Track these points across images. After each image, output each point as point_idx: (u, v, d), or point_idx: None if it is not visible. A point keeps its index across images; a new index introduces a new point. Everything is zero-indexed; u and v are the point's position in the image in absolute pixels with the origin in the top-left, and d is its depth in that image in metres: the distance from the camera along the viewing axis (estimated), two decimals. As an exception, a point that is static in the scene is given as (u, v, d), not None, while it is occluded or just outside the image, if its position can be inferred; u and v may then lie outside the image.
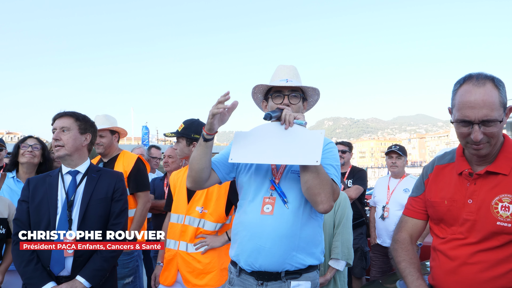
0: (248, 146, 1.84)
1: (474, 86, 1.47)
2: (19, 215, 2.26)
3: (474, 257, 1.52)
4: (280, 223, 1.78)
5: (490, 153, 1.56)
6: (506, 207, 1.47)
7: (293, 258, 1.78)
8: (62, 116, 2.35)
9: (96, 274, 2.20)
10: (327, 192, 1.70)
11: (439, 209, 1.66)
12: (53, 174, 2.37)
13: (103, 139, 3.40)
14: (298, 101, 1.92)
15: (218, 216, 2.67)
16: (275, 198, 1.83)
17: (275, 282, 1.80)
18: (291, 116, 1.77)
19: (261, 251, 1.78)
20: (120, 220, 2.36)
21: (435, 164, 1.78)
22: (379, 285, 3.17)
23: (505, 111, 1.51)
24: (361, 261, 4.24)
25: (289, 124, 1.77)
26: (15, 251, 2.19)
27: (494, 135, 1.50)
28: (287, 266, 1.79)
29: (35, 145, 3.06)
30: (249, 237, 1.83)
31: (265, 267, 1.79)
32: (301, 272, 1.81)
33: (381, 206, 4.15)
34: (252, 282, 1.84)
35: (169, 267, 2.70)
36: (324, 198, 1.69)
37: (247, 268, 1.84)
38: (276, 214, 1.80)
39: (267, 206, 1.82)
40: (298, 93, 1.92)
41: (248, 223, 1.85)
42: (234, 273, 1.92)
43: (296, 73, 1.98)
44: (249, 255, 1.82)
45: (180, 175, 2.91)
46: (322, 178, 1.70)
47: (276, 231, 1.77)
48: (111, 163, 3.43)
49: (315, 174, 1.69)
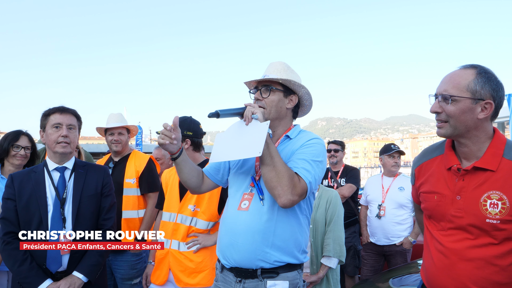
0: (221, 145, 1.88)
1: (457, 68, 1.59)
2: (6, 214, 2.19)
3: (468, 254, 1.52)
4: (253, 219, 1.78)
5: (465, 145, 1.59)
6: (494, 204, 1.48)
7: (266, 255, 1.76)
8: (67, 112, 2.31)
9: (92, 269, 2.22)
10: (284, 185, 1.65)
11: (429, 204, 1.67)
12: (37, 170, 2.31)
13: (121, 137, 3.40)
14: (268, 94, 1.88)
15: (211, 215, 2.66)
16: (253, 195, 1.84)
17: (252, 280, 1.79)
18: (249, 111, 1.77)
19: (235, 246, 1.80)
20: (111, 215, 2.37)
21: (422, 161, 1.79)
22: (372, 283, 3.19)
23: (476, 100, 1.52)
24: (354, 260, 4.26)
25: (249, 120, 1.76)
26: (6, 251, 2.14)
27: (451, 115, 1.55)
28: (261, 263, 1.77)
29: (27, 147, 2.96)
30: (225, 232, 1.87)
31: (239, 263, 1.80)
32: (278, 271, 1.79)
33: (376, 205, 4.16)
34: (232, 279, 1.85)
35: (161, 266, 2.68)
36: (281, 191, 1.65)
37: (225, 263, 1.86)
38: (251, 210, 1.80)
39: (245, 202, 1.84)
40: (270, 87, 1.88)
41: (226, 219, 1.90)
42: (219, 268, 1.95)
43: (279, 68, 1.94)
44: (225, 250, 1.85)
45: (172, 173, 2.90)
46: (279, 171, 1.66)
47: (249, 227, 1.78)
48: (123, 162, 3.40)
49: (270, 167, 1.68)
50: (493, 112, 1.55)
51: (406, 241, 3.98)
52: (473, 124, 1.54)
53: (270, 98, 1.89)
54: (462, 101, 1.52)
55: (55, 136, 2.24)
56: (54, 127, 2.25)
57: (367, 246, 4.24)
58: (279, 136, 1.94)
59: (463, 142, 1.60)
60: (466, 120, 1.53)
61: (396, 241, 4.01)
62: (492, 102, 1.52)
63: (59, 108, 2.31)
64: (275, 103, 1.89)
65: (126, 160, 3.39)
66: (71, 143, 2.27)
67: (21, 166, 2.96)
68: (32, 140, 3.04)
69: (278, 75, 1.90)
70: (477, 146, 1.58)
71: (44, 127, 2.29)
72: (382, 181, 4.26)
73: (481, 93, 1.51)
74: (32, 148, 3.00)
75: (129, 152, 3.47)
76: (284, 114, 1.94)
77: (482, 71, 1.54)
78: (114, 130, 3.40)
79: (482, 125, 1.55)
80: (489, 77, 1.53)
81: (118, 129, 3.40)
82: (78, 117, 2.38)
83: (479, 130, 1.56)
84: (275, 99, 1.89)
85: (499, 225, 1.47)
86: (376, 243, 4.14)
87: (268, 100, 1.88)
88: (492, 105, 1.52)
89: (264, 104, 1.88)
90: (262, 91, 1.90)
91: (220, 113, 1.73)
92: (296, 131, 1.95)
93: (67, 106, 2.36)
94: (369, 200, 4.30)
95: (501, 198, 1.47)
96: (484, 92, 1.51)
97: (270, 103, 1.89)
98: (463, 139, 1.59)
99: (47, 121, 2.27)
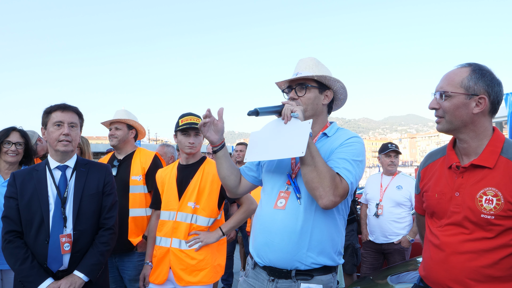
0: (257, 144, 1.86)
1: (455, 67, 1.67)
2: (8, 212, 2.19)
3: (462, 247, 1.57)
4: (290, 219, 1.74)
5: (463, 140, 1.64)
6: (489, 200, 1.52)
7: (302, 256, 1.72)
8: (69, 110, 2.29)
9: (93, 269, 2.21)
10: (326, 186, 1.61)
11: (431, 202, 1.72)
12: (39, 168, 2.29)
13: (118, 132, 3.30)
14: (305, 93, 1.85)
15: (211, 211, 2.67)
16: (289, 193, 1.80)
17: (286, 280, 1.75)
18: (288, 110, 1.74)
19: (270, 245, 1.76)
20: (113, 214, 2.37)
21: (427, 163, 1.85)
22: (370, 281, 3.20)
23: (470, 96, 1.58)
24: (352, 258, 4.29)
25: (288, 118, 1.74)
26: (7, 249, 2.14)
27: (447, 110, 1.62)
28: (297, 264, 1.73)
29: (18, 143, 2.87)
30: (261, 231, 1.83)
31: (274, 262, 1.76)
32: (313, 273, 1.74)
33: (374, 203, 4.19)
34: (264, 277, 1.82)
35: (161, 264, 2.67)
36: (322, 192, 1.62)
37: (259, 261, 1.83)
38: (288, 209, 1.76)
39: (281, 200, 1.80)
40: (305, 85, 1.85)
41: (262, 217, 1.85)
42: (250, 265, 1.92)
43: (310, 64, 1.90)
44: (260, 249, 1.82)
45: (167, 172, 2.87)
46: (321, 171, 1.62)
47: (286, 226, 1.74)
48: (127, 160, 3.31)
49: (311, 167, 1.64)
50: (490, 108, 1.60)
51: (404, 240, 4.00)
52: (469, 119, 1.60)
53: (306, 96, 1.85)
54: (456, 97, 1.59)
55: (56, 134, 2.22)
56: (56, 125, 2.23)
57: (366, 244, 4.27)
58: (316, 134, 1.90)
59: (462, 138, 1.65)
60: (461, 115, 1.60)
61: (394, 240, 4.03)
62: (486, 97, 1.57)
63: (60, 106, 2.28)
64: (312, 100, 1.86)
65: (131, 158, 3.31)
66: (72, 142, 2.25)
67: (15, 163, 2.89)
68: (26, 136, 2.96)
69: (311, 72, 1.86)
70: (476, 143, 1.62)
71: (45, 125, 2.27)
72: (381, 180, 4.29)
73: (474, 89, 1.57)
74: (25, 144, 2.93)
75: (133, 150, 3.39)
76: (321, 110, 1.91)
77: (476, 68, 1.60)
78: (112, 125, 3.34)
79: (479, 120, 1.60)
80: (483, 73, 1.59)
81: (115, 124, 3.32)
82: (80, 114, 2.35)
83: (476, 125, 1.61)
84: (311, 96, 1.86)
85: (493, 221, 1.51)
86: (374, 241, 4.17)
87: (304, 98, 1.85)
88: (486, 100, 1.57)
89: (300, 102, 1.84)
90: (297, 89, 1.86)
91: (259, 111, 1.73)
92: (333, 129, 1.92)
93: (69, 104, 2.33)
94: (368, 199, 4.32)
95: (496, 195, 1.51)
96: (478, 87, 1.57)
97: (306, 101, 1.85)
98: (462, 134, 1.64)
99: (48, 119, 2.25)
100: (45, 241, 2.14)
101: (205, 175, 2.74)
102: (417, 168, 2.15)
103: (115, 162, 3.32)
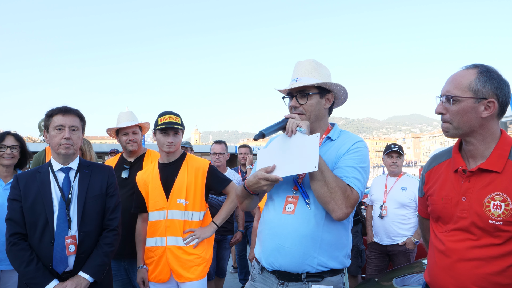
0: (266, 161, 1.83)
1: (460, 69, 1.60)
2: (12, 214, 2.19)
3: (469, 254, 1.52)
4: (301, 223, 1.74)
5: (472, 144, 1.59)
6: (498, 206, 1.47)
7: (313, 259, 1.73)
8: (70, 113, 2.29)
9: (98, 269, 2.23)
10: (338, 199, 1.63)
11: (436, 206, 1.67)
12: (42, 170, 2.30)
13: (136, 136, 3.22)
14: (306, 100, 1.83)
15: (200, 205, 2.71)
16: (297, 198, 1.79)
17: (296, 283, 1.76)
18: (293, 124, 1.73)
19: (281, 250, 1.76)
20: (116, 215, 2.38)
21: (432, 166, 1.80)
22: (375, 283, 3.19)
23: (478, 99, 1.51)
24: (357, 259, 4.28)
25: (292, 132, 1.73)
26: (12, 252, 2.14)
27: (455, 115, 1.55)
28: (307, 267, 1.74)
29: (13, 146, 2.91)
30: (270, 236, 1.82)
31: (285, 267, 1.76)
32: (323, 275, 1.76)
33: (378, 205, 4.17)
34: (273, 281, 1.82)
35: (159, 264, 2.68)
36: (335, 206, 1.64)
37: (268, 267, 1.82)
38: (297, 214, 1.76)
39: (289, 205, 1.79)
40: (306, 92, 1.83)
41: (270, 222, 1.85)
42: (257, 269, 1.91)
43: (309, 68, 1.87)
44: (270, 254, 1.81)
45: (148, 173, 2.85)
46: (331, 185, 1.64)
47: (297, 231, 1.74)
48: (139, 162, 3.23)
49: (321, 183, 1.65)
50: (498, 110, 1.54)
51: (409, 241, 3.98)
52: (478, 123, 1.54)
53: (308, 103, 1.84)
54: (464, 101, 1.52)
55: (57, 138, 2.23)
56: (57, 129, 2.23)
57: (372, 245, 4.25)
58: (319, 138, 1.84)
59: (469, 140, 1.60)
60: (469, 119, 1.54)
61: (399, 241, 4.01)
62: (495, 101, 1.52)
63: (61, 109, 2.28)
64: (314, 107, 1.85)
65: (142, 160, 3.25)
66: (74, 145, 2.26)
67: (11, 167, 2.95)
68: (20, 139, 2.99)
69: (311, 77, 1.84)
70: (483, 146, 1.57)
71: (47, 128, 2.28)
72: (386, 181, 4.27)
73: (483, 92, 1.51)
74: (20, 147, 2.97)
75: (144, 152, 3.33)
76: (323, 114, 1.91)
77: (483, 70, 1.54)
78: (128, 130, 3.21)
79: (488, 123, 1.55)
80: (491, 75, 1.53)
81: (132, 128, 3.21)
82: (82, 117, 2.35)
83: (484, 129, 1.55)
84: (313, 103, 1.84)
85: (501, 227, 1.46)
86: (379, 243, 4.15)
87: (306, 105, 1.84)
88: (495, 103, 1.52)
89: (303, 110, 1.84)
90: (298, 97, 1.84)
91: (265, 133, 1.73)
92: (336, 132, 1.92)
93: (70, 107, 2.33)
94: (373, 200, 4.31)
95: (504, 200, 1.47)
96: (486, 90, 1.51)
97: (309, 108, 1.84)
98: (469, 137, 1.59)
99: (50, 122, 2.26)
100: (50, 243, 2.15)
101: (189, 170, 2.76)
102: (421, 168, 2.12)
103: (125, 165, 3.24)
